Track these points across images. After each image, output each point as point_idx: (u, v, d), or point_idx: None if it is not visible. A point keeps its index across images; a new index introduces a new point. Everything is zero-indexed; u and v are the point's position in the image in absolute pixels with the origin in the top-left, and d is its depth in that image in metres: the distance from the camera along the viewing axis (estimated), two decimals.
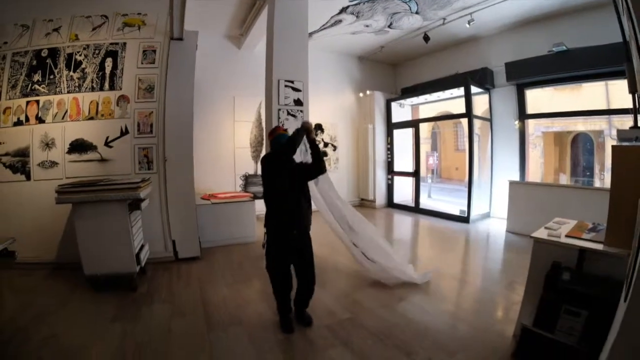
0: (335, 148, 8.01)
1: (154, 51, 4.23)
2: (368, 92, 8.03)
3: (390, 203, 7.98)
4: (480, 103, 6.57)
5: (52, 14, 4.15)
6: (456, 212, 6.37)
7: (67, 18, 4.18)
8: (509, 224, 5.48)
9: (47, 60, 4.12)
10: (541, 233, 2.28)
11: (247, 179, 6.28)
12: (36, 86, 4.09)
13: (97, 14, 4.25)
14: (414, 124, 7.63)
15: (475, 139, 6.60)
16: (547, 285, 2.03)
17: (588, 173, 6.01)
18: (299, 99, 4.60)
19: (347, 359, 2.28)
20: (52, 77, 4.11)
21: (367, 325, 2.70)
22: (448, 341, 2.45)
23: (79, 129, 4.05)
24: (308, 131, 2.63)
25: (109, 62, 4.17)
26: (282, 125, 4.48)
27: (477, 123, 6.60)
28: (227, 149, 6.74)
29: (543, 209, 4.54)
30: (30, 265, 3.88)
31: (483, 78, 6.28)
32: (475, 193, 6.19)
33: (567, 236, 2.15)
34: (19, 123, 4.04)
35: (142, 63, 4.20)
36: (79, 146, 4.04)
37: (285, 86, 4.50)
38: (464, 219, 6.14)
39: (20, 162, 4.01)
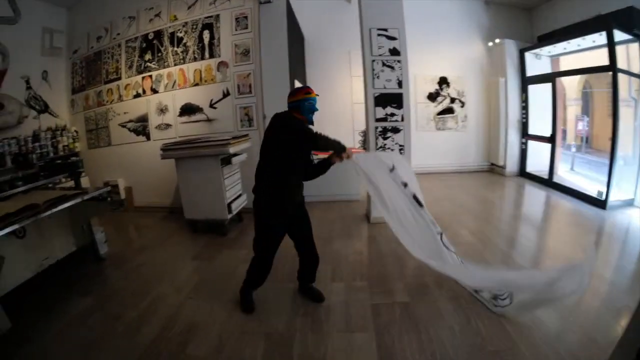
0: (463, 104, 6.94)
1: (246, 17, 4.41)
2: (497, 40, 6.47)
3: (522, 172, 6.46)
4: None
5: (151, 2, 4.81)
6: (593, 193, 4.60)
7: (165, 3, 4.75)
8: None
9: (154, 42, 4.81)
10: None
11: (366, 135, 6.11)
12: (148, 64, 4.85)
13: None
14: (549, 78, 5.74)
15: (632, 103, 4.50)
16: None
17: None
18: (394, 48, 4.10)
19: (368, 349, 1.95)
20: (160, 54, 4.79)
21: (419, 318, 2.20)
22: None
23: (187, 95, 4.68)
24: (340, 156, 2.32)
25: (206, 34, 4.57)
26: (377, 77, 4.09)
27: (634, 82, 4.51)
28: (345, 105, 6.62)
29: None
30: (153, 208, 4.93)
31: (630, 20, 4.33)
32: (621, 172, 4.36)
33: None
34: (137, 95, 4.93)
35: (236, 30, 4.45)
36: (187, 109, 4.70)
37: (378, 35, 4.08)
38: (601, 203, 4.39)
39: (141, 126, 4.97)
